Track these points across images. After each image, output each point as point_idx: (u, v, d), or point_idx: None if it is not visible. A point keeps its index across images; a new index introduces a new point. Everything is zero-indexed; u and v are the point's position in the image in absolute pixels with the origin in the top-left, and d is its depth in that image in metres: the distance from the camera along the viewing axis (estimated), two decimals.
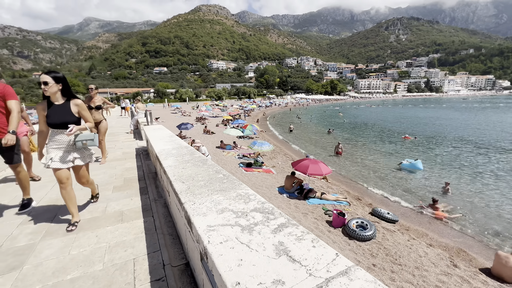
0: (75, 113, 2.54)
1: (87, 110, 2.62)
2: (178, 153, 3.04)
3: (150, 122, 7.10)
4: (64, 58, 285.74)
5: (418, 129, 27.69)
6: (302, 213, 7.54)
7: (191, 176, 2.15)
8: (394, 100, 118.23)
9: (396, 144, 19.39)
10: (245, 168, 11.54)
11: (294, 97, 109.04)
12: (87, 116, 2.66)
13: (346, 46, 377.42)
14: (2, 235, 2.44)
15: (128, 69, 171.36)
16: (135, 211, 2.95)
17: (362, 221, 6.70)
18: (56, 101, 2.50)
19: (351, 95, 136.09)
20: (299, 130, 27.73)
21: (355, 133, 25.21)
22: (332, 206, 8.22)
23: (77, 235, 2.42)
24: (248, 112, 44.52)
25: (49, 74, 2.40)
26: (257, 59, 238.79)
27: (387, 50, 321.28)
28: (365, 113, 52.54)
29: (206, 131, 19.93)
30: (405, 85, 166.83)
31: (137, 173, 4.47)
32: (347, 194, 9.94)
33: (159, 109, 41.64)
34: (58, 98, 2.50)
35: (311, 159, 9.22)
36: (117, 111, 23.17)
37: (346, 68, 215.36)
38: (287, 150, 17.72)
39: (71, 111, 2.51)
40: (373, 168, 13.27)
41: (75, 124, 2.50)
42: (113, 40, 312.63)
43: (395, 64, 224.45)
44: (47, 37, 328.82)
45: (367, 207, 8.82)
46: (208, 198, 1.66)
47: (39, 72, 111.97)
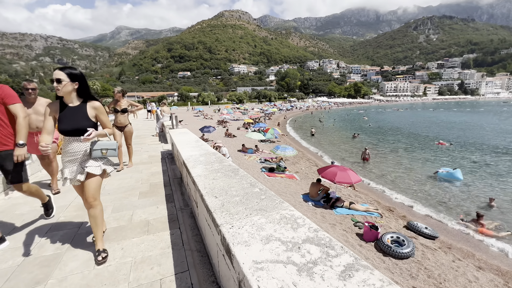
0: (92, 117, 2.16)
1: (106, 114, 2.27)
2: (206, 161, 2.85)
3: (175, 126, 7.10)
4: (97, 64, 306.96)
5: (453, 134, 25.55)
6: (330, 224, 7.08)
7: (223, 189, 1.92)
8: (424, 104, 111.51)
9: (429, 151, 17.98)
10: (268, 173, 11.25)
11: (315, 100, 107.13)
12: (106, 122, 2.27)
13: (371, 48, 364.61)
14: (31, 243, 2.39)
15: (154, 74, 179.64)
16: (161, 221, 2.79)
17: (397, 236, 6.10)
18: (70, 102, 2.11)
19: (376, 98, 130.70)
20: (321, 134, 26.91)
21: (382, 138, 23.88)
22: (362, 217, 7.65)
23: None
24: (269, 115, 44.28)
25: (64, 71, 2.04)
26: (278, 62, 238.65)
27: (416, 51, 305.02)
28: (392, 117, 49.96)
29: (228, 134, 19.97)
30: (436, 88, 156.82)
31: (163, 178, 4.38)
32: (377, 205, 9.25)
33: (183, 112, 42.83)
34: (73, 99, 2.12)
35: (339, 166, 8.71)
36: (144, 114, 24.11)
37: (371, 70, 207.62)
38: (310, 155, 17.17)
39: (87, 114, 2.13)
40: (404, 177, 12.34)
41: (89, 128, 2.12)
42: (141, 46, 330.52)
43: (425, 66, 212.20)
44: (83, 45, 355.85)
45: (400, 219, 8.11)
46: (248, 220, 1.41)
47: None
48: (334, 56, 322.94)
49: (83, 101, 2.16)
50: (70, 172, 2.13)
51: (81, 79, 2.12)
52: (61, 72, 2.02)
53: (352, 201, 8.73)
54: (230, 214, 1.49)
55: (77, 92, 2.13)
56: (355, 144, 20.82)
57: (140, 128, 12.73)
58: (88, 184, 2.13)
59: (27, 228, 2.67)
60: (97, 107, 2.18)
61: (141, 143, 8.37)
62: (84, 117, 2.11)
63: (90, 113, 2.15)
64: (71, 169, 2.13)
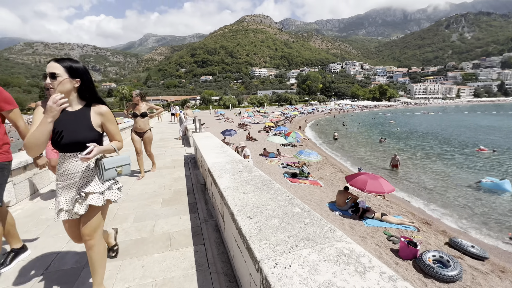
0: (97, 127, 1.62)
1: (115, 123, 1.74)
2: (233, 169, 2.59)
3: (198, 129, 7.00)
4: (126, 70, 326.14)
5: (495, 140, 23.14)
6: (360, 237, 6.52)
7: (257, 207, 1.63)
8: (457, 107, 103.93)
9: (468, 158, 16.39)
10: (290, 178, 10.84)
11: (338, 103, 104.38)
12: (115, 132, 1.72)
13: (397, 48, 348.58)
14: (52, 253, 2.27)
15: (178, 78, 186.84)
16: (184, 234, 2.57)
17: (441, 255, 5.42)
18: (68, 106, 1.49)
19: (403, 101, 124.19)
20: (345, 138, 25.83)
21: (412, 144, 22.32)
22: (396, 230, 6.97)
23: (123, 262, 2.11)
24: (289, 118, 43.67)
25: (61, 63, 1.48)
26: (299, 65, 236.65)
27: (448, 50, 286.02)
28: (422, 120, 46.95)
29: (249, 137, 19.82)
30: (471, 89, 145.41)
31: (186, 185, 4.21)
32: (412, 217, 8.45)
33: (205, 115, 43.67)
34: (72, 101, 1.57)
35: (369, 174, 8.08)
36: (168, 117, 24.81)
37: (398, 71, 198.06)
38: (334, 160, 16.43)
39: (91, 122, 1.59)
40: (440, 186, 11.27)
41: (96, 143, 1.56)
42: (166, 52, 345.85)
43: (458, 66, 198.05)
44: (114, 52, 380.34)
45: (440, 235, 7.30)
46: (295, 256, 1.10)
47: (108, 83, 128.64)
48: (358, 57, 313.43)
49: (85, 105, 1.62)
50: (67, 201, 1.57)
51: (84, 74, 1.57)
52: (57, 65, 1.46)
53: (384, 212, 8.04)
54: (270, 244, 1.20)
55: (78, 93, 1.58)
56: (382, 149, 19.63)
57: (164, 131, 12.95)
58: (85, 218, 1.60)
59: (50, 235, 2.59)
60: (104, 113, 1.65)
61: (164, 146, 8.41)
62: (87, 126, 1.57)
63: (95, 121, 1.61)
64: (68, 197, 1.58)
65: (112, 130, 1.70)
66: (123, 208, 3.27)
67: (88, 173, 1.61)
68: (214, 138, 5.20)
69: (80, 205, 1.56)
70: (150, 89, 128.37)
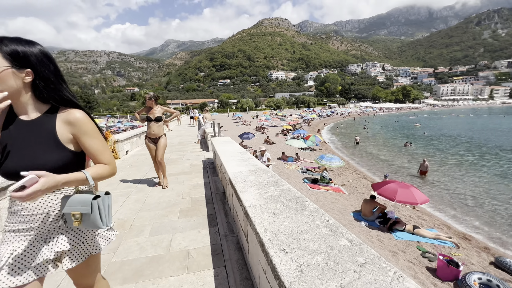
0: (67, 143, 1.04)
1: (99, 135, 1.12)
2: (258, 181, 2.31)
3: (217, 133, 6.83)
4: (148, 75, 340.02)
5: None
6: (390, 252, 5.96)
7: (292, 235, 1.33)
8: (490, 108, 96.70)
9: (508, 165, 14.89)
10: (311, 184, 10.38)
11: (357, 106, 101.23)
12: (96, 150, 1.10)
13: (422, 48, 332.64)
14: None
15: (197, 82, 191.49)
16: (203, 252, 2.32)
17: (488, 278, 4.76)
18: (21, 112, 1.02)
19: (429, 103, 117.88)
20: (367, 142, 24.69)
21: (441, 149, 20.81)
22: (431, 246, 6.31)
23: (136, 285, 1.89)
24: (308, 121, 42.82)
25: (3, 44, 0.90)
26: (318, 67, 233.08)
27: (479, 49, 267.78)
28: (450, 123, 44.05)
29: (267, 141, 19.51)
30: (507, 90, 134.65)
31: (205, 193, 4.00)
32: (447, 230, 7.68)
33: (223, 119, 44.03)
34: (26, 105, 1.01)
35: (399, 182, 7.45)
36: (187, 120, 25.19)
37: (422, 72, 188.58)
38: (356, 166, 15.65)
39: (57, 137, 1.02)
40: (477, 196, 10.24)
41: (60, 169, 0.99)
42: (186, 57, 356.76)
43: (491, 65, 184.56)
44: (137, 58, 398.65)
45: (483, 252, 6.52)
46: None
47: (131, 87, 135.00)
48: (379, 58, 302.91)
49: (49, 110, 1.04)
50: (13, 252, 0.99)
51: (41, 63, 0.98)
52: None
53: (416, 224, 7.37)
54: None
55: (34, 92, 1.00)
56: (408, 155, 18.46)
57: (183, 135, 13.02)
58: (76, 271, 1.17)
59: None
60: (74, 121, 1.04)
61: (183, 150, 8.34)
62: (50, 141, 1.01)
63: (63, 134, 1.03)
64: (18, 245, 1.01)
65: (91, 146, 1.08)
66: (139, 218, 3.10)
67: (58, 215, 1.07)
68: (234, 143, 4.97)
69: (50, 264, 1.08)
70: (171, 93, 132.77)
